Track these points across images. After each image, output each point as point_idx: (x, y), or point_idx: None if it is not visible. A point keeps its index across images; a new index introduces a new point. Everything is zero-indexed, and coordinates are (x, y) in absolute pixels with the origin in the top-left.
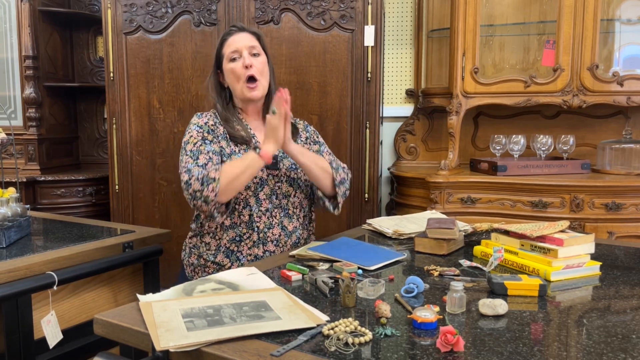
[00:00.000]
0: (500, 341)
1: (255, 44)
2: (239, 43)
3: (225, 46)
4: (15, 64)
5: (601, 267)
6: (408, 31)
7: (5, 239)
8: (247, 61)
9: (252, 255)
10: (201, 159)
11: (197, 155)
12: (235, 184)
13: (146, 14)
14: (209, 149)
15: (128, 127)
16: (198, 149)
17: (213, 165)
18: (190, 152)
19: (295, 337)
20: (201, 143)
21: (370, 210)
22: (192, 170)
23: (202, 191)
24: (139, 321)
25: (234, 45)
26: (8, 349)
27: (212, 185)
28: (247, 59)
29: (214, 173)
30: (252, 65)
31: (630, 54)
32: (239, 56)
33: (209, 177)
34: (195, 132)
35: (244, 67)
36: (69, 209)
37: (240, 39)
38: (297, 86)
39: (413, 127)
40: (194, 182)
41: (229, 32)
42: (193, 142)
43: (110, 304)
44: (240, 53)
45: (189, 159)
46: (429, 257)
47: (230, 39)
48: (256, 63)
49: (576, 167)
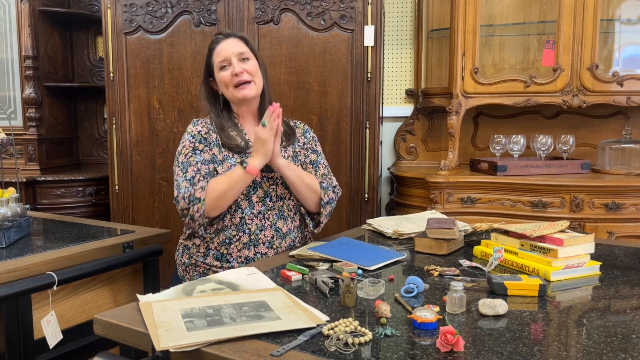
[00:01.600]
0: (500, 341)
1: (244, 49)
2: (227, 51)
3: (214, 55)
4: (15, 64)
5: (601, 267)
6: (408, 31)
7: (5, 239)
8: (236, 69)
9: (243, 257)
10: (189, 172)
11: (187, 167)
12: (222, 201)
13: (146, 14)
14: (197, 160)
15: (128, 127)
16: (188, 161)
17: (201, 177)
18: (181, 163)
19: (295, 337)
20: (191, 154)
21: (370, 210)
22: (181, 186)
23: (189, 210)
24: (139, 321)
25: (223, 54)
26: (8, 349)
27: (197, 206)
28: (236, 66)
29: (200, 193)
30: (242, 71)
31: (630, 54)
32: (228, 64)
33: (195, 197)
34: (188, 142)
35: (233, 75)
36: (69, 209)
37: (228, 46)
38: (297, 86)
39: (413, 127)
40: (181, 200)
41: (216, 40)
42: (184, 153)
43: (110, 304)
44: (230, 61)
45: (179, 171)
46: (428, 257)
47: (218, 47)
48: (247, 68)
49: (576, 167)
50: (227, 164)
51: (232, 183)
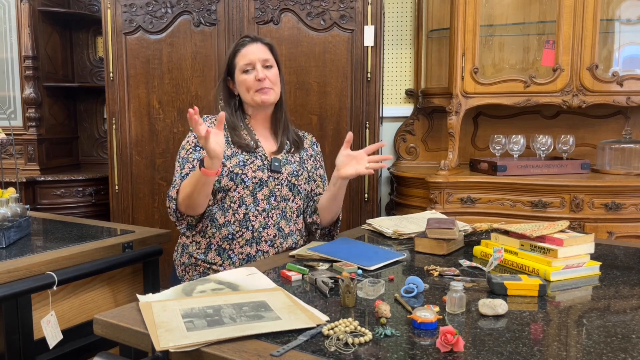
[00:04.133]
0: (500, 341)
1: (269, 56)
2: (252, 55)
3: (239, 57)
4: (15, 64)
5: (601, 267)
6: (408, 31)
7: (5, 239)
8: (260, 74)
9: (244, 254)
10: (186, 169)
11: (184, 164)
12: (191, 202)
13: (146, 14)
14: (195, 157)
15: (128, 127)
16: (187, 157)
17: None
18: (181, 159)
19: (295, 337)
20: (192, 151)
21: (370, 210)
22: (176, 182)
23: (169, 207)
24: (138, 321)
25: (248, 58)
26: (8, 349)
27: (171, 203)
28: (260, 72)
29: (173, 191)
30: (265, 77)
31: (629, 54)
32: (252, 68)
33: (170, 195)
34: (192, 137)
35: (256, 80)
36: (69, 209)
37: (254, 50)
38: (297, 86)
39: (413, 127)
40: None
41: (243, 42)
42: (186, 149)
43: (110, 304)
44: (254, 65)
45: (178, 167)
46: (428, 257)
47: (244, 50)
48: (269, 75)
49: (576, 167)
50: (235, 160)
51: (194, 184)
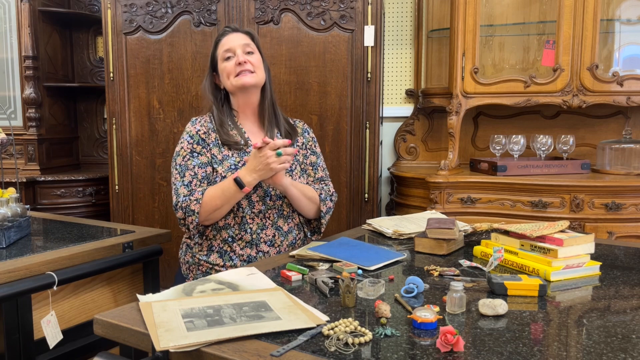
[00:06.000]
0: (500, 341)
1: (249, 42)
2: (232, 42)
3: (219, 47)
4: (15, 64)
5: (601, 267)
6: (408, 31)
7: (5, 239)
8: (240, 58)
9: (245, 256)
10: (187, 176)
11: (184, 171)
12: (216, 215)
13: (146, 14)
14: (195, 163)
15: (128, 127)
16: (185, 164)
17: (198, 181)
18: (178, 166)
19: (295, 337)
20: (189, 157)
21: (370, 210)
22: (179, 191)
23: (185, 219)
24: (138, 321)
25: (228, 45)
26: (8, 349)
27: (191, 218)
28: (240, 56)
29: (195, 205)
30: (246, 61)
31: (630, 54)
32: (232, 55)
33: (190, 209)
34: (186, 143)
35: (237, 64)
36: (69, 209)
37: (233, 38)
38: (297, 86)
39: (413, 127)
40: (179, 210)
41: (223, 33)
42: (182, 155)
43: (110, 304)
44: (234, 52)
45: (177, 174)
46: (428, 257)
47: (224, 39)
48: (251, 59)
49: (576, 167)
50: (227, 164)
51: (225, 200)
